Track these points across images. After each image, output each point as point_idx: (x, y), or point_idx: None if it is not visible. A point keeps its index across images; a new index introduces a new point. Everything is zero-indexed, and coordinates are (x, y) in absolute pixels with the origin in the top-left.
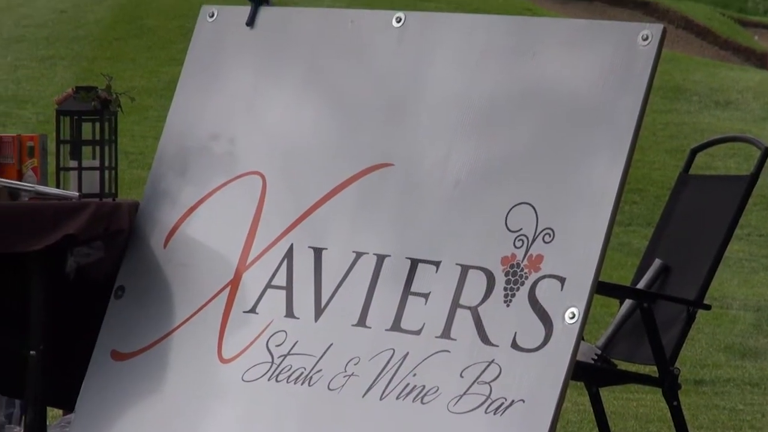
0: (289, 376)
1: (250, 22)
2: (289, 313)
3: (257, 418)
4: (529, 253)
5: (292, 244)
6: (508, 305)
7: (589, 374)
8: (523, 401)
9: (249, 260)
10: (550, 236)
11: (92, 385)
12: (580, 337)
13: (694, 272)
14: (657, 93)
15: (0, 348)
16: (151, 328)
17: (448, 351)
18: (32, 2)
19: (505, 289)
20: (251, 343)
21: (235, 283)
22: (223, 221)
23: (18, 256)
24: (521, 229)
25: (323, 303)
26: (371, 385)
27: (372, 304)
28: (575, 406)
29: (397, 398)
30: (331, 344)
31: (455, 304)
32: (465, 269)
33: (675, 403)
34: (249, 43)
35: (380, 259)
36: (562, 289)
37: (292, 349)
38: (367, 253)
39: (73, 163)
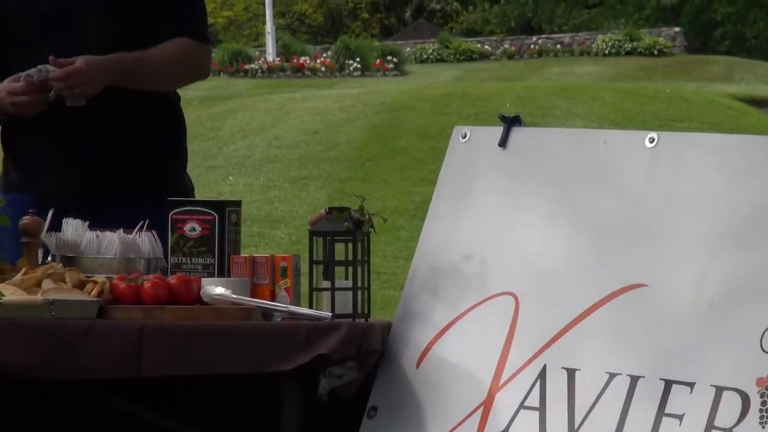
0: None
1: (503, 143)
2: None
3: None
4: None
5: (545, 365)
6: (763, 426)
7: None
8: None
9: (502, 381)
10: None
11: None
12: None
13: None
14: None
15: None
16: None
17: None
18: (284, 124)
19: (761, 410)
20: None
21: (488, 404)
22: (476, 342)
23: (271, 376)
24: None
25: (576, 424)
26: None
27: (626, 425)
28: None
29: None
30: None
31: (710, 426)
32: (719, 390)
33: None
34: (501, 163)
35: (634, 380)
36: None
37: None
38: (621, 374)
39: (326, 284)
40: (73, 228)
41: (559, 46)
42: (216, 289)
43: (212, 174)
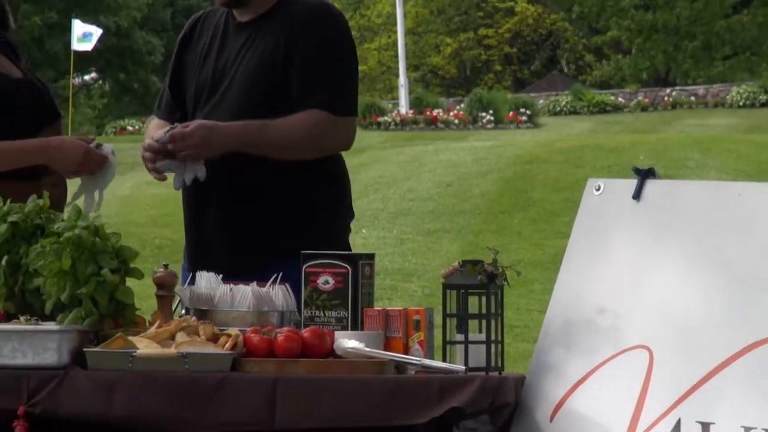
0: None
1: (637, 195)
2: None
3: None
4: None
5: (679, 419)
6: None
7: None
8: None
9: None
10: None
11: None
12: None
13: None
14: None
15: None
16: None
17: None
18: (418, 176)
19: None
20: None
21: None
22: (610, 395)
23: (404, 429)
24: None
25: None
26: None
27: None
28: None
29: None
30: None
31: None
32: None
33: None
34: (635, 215)
35: None
36: None
37: None
38: (756, 428)
39: (460, 337)
40: (206, 281)
41: (693, 98)
42: (349, 342)
43: None
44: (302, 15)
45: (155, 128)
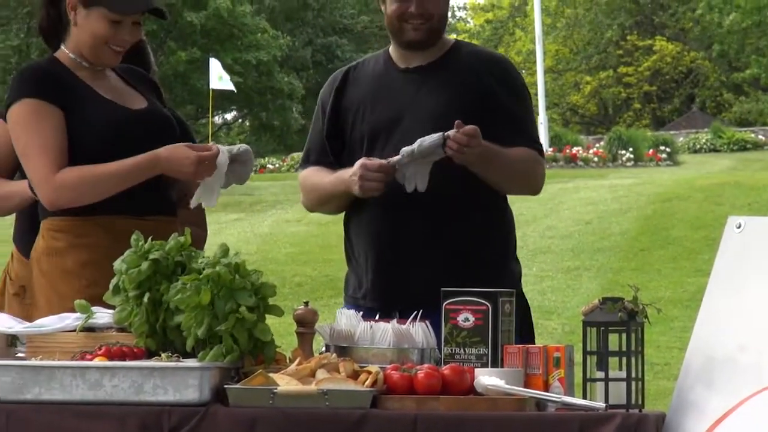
0: None
1: None
2: None
3: None
4: None
5: None
6: None
7: None
8: None
9: None
10: None
11: None
12: None
13: None
14: None
15: None
16: None
17: None
18: (557, 214)
19: None
20: None
21: None
22: None
23: None
24: None
25: None
26: None
27: None
28: None
29: None
30: None
31: None
32: None
33: None
34: None
35: None
36: None
37: None
38: None
39: (600, 374)
40: (347, 318)
41: None
42: (489, 379)
43: None
44: (485, 62)
45: (316, 175)
